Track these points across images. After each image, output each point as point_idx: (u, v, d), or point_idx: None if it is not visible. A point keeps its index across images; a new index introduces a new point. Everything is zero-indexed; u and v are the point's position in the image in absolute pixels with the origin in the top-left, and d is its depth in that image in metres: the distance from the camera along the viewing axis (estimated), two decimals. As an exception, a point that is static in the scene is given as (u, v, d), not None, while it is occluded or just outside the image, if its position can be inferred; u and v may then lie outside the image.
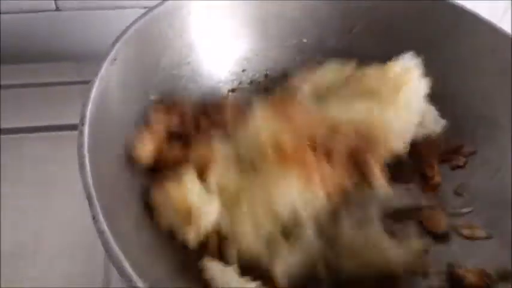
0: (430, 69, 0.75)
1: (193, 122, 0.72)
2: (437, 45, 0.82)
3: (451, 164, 0.78)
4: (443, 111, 0.79)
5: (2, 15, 1.04)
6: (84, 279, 0.77)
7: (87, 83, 0.61)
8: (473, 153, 0.78)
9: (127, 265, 0.48)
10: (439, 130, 0.78)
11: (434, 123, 0.78)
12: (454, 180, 0.75)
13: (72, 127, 0.94)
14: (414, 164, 0.77)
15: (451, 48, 0.81)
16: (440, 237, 0.70)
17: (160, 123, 0.69)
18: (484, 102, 0.78)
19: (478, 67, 0.79)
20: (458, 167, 0.77)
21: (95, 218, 0.51)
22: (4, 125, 0.95)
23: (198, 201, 0.60)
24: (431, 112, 0.78)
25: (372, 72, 0.74)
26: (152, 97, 0.72)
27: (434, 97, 0.78)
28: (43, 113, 0.98)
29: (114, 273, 0.77)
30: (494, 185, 0.73)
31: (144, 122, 0.69)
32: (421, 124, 0.77)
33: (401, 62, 0.73)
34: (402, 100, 0.71)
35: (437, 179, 0.75)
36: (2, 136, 0.94)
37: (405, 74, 0.72)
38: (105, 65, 0.64)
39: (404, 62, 0.73)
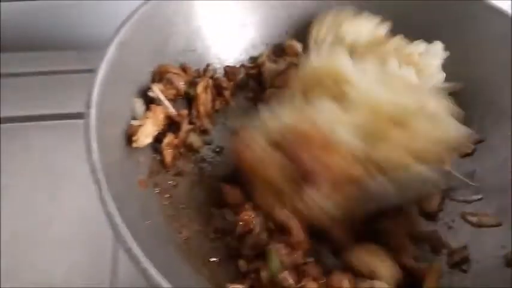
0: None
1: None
2: (447, 32, 0.81)
3: (459, 152, 0.77)
4: (452, 98, 0.78)
5: (2, 3, 1.02)
6: (91, 268, 0.76)
7: (90, 71, 0.60)
8: (481, 141, 0.77)
9: (135, 247, 0.47)
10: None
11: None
12: (463, 167, 0.74)
13: (75, 116, 0.96)
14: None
15: (460, 35, 0.81)
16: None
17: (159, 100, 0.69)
18: (493, 89, 0.78)
19: (488, 54, 0.79)
20: (467, 154, 0.77)
21: (102, 201, 0.50)
22: (7, 114, 0.95)
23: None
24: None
25: (396, 43, 0.77)
26: (150, 69, 0.71)
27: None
28: (46, 101, 0.98)
29: (121, 260, 0.76)
30: (504, 173, 0.72)
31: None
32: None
33: (428, 47, 0.76)
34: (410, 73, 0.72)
35: (446, 167, 0.73)
36: (5, 125, 0.93)
37: (423, 58, 0.74)
38: (111, 49, 0.63)
39: (431, 48, 0.76)
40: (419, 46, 0.77)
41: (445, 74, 0.78)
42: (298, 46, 0.84)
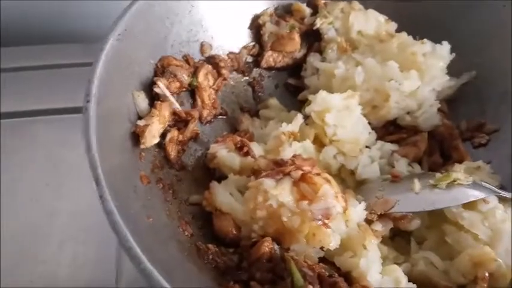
0: (452, 44, 0.74)
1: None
2: (460, 20, 0.78)
3: (473, 142, 0.74)
4: (465, 87, 0.77)
5: (6, -4, 1.01)
6: (96, 262, 0.76)
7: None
8: (496, 130, 0.74)
9: (135, 246, 0.45)
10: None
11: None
12: (477, 159, 0.71)
13: (80, 110, 0.94)
14: (439, 149, 0.74)
15: (473, 23, 0.78)
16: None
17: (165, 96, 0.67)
18: (507, 77, 0.74)
19: (502, 42, 0.75)
20: (481, 145, 0.74)
21: (102, 197, 0.48)
22: (11, 109, 0.94)
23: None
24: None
25: (401, 41, 0.74)
26: (152, 61, 0.69)
27: (456, 73, 0.77)
28: (50, 95, 0.97)
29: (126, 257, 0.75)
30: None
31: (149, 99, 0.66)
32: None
33: (434, 47, 0.74)
34: (411, 76, 0.71)
35: (467, 161, 0.70)
36: (9, 120, 0.92)
37: (427, 59, 0.72)
38: (111, 41, 0.61)
39: (437, 48, 0.74)
40: (425, 46, 0.74)
41: (448, 77, 0.75)
42: (307, 11, 0.82)
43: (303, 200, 0.54)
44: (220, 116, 0.77)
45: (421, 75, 0.71)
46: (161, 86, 0.67)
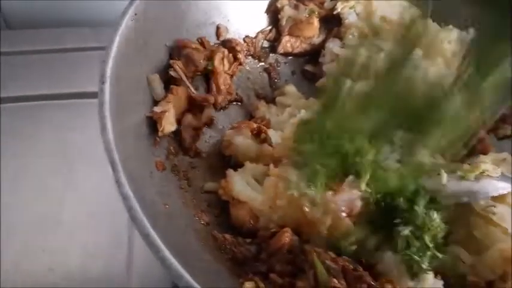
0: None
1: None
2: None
3: (497, 134, 0.72)
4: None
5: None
6: (107, 249, 0.74)
7: (104, 49, 0.56)
8: (521, 121, 0.72)
9: (153, 233, 0.43)
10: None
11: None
12: (501, 151, 0.68)
13: (89, 95, 0.93)
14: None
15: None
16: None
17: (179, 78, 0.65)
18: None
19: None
20: (506, 137, 0.71)
21: (118, 182, 0.46)
22: (19, 93, 0.92)
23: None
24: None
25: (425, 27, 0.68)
26: (167, 44, 0.67)
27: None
28: (58, 80, 0.94)
29: (137, 243, 0.74)
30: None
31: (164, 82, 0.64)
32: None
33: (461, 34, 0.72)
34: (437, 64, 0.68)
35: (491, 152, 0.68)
36: (17, 104, 0.90)
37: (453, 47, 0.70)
38: (125, 21, 0.59)
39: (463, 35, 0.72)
40: (451, 33, 0.71)
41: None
42: None
43: (327, 190, 0.52)
44: (235, 102, 0.74)
45: (446, 63, 0.69)
46: (177, 70, 0.65)
